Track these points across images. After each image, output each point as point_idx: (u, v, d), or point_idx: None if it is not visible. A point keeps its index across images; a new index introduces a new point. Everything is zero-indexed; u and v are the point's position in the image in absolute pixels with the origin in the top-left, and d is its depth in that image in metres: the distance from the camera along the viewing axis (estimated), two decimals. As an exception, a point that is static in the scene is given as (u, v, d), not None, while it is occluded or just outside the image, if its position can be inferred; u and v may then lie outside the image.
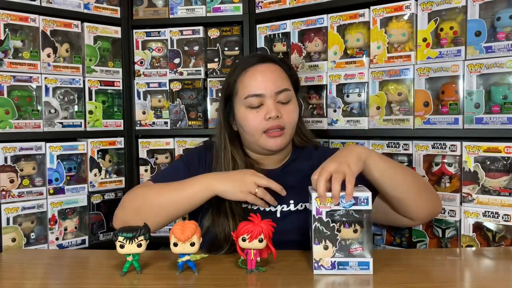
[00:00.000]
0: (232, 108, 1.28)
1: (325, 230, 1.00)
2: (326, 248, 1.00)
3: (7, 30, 1.62)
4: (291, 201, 1.23)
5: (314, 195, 1.00)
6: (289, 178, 1.26)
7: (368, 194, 0.99)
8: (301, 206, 1.23)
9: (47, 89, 1.71)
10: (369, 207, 0.99)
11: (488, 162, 1.39)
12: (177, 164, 1.35)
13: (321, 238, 1.00)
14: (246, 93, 1.22)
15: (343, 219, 0.99)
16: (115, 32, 1.91)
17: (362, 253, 0.99)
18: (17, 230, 1.62)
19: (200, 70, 1.91)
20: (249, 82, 1.23)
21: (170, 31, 1.92)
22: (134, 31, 1.95)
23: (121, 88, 1.92)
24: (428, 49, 1.48)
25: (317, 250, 1.00)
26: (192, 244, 0.98)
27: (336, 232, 1.00)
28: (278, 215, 1.22)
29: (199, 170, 1.26)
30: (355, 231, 1.00)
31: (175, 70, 1.92)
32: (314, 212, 1.00)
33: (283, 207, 1.23)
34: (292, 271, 1.03)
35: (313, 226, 1.00)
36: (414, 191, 1.16)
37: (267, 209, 1.23)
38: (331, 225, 1.00)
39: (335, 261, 1.00)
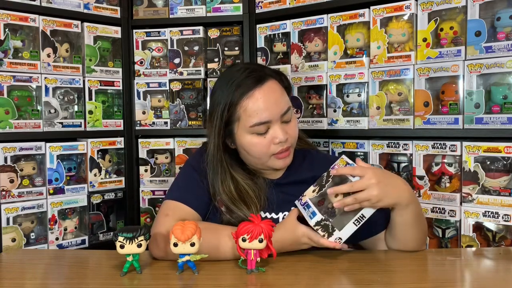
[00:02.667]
0: (232, 132, 1.22)
1: (324, 181, 1.12)
2: (313, 191, 1.12)
3: (7, 30, 1.62)
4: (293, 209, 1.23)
5: (345, 157, 1.15)
6: (292, 187, 1.25)
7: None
8: None
9: (47, 89, 1.71)
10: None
11: (488, 162, 1.39)
12: (189, 173, 1.28)
13: (317, 183, 1.13)
14: (251, 121, 1.17)
15: (339, 183, 1.09)
16: (115, 32, 1.91)
17: (323, 210, 1.07)
18: (17, 230, 1.62)
19: (200, 70, 1.91)
20: (253, 110, 1.17)
21: (170, 31, 1.92)
22: (134, 31, 1.95)
23: (121, 88, 1.92)
24: (428, 49, 1.48)
25: (310, 189, 1.15)
26: (192, 244, 0.98)
27: (327, 187, 1.09)
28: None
29: (208, 179, 1.24)
30: (336, 195, 1.07)
31: (175, 70, 1.92)
32: (332, 165, 1.14)
33: (285, 214, 1.23)
34: (292, 271, 1.03)
35: (324, 173, 1.14)
36: (414, 244, 1.19)
37: (269, 216, 1.23)
38: (329, 179, 1.10)
39: (307, 203, 1.11)
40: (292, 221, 1.12)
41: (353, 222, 1.05)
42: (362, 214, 1.05)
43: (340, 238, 1.05)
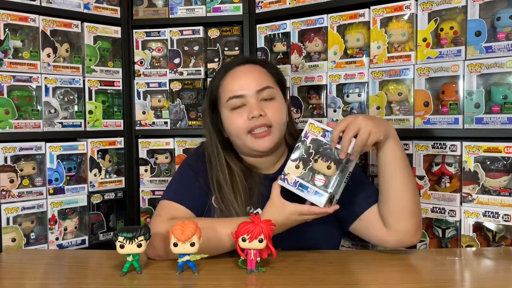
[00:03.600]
0: (220, 115, 1.26)
1: (303, 153, 1.10)
2: (297, 167, 1.10)
3: (7, 30, 1.62)
4: None
5: (311, 120, 1.12)
6: None
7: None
8: None
9: (47, 89, 1.71)
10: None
11: (488, 162, 1.39)
12: (185, 173, 1.29)
13: (298, 158, 1.11)
14: (227, 96, 1.21)
15: (324, 152, 1.09)
16: (115, 32, 1.91)
17: (323, 185, 1.06)
18: (17, 230, 1.62)
19: (200, 70, 1.91)
20: (230, 85, 1.22)
21: (170, 31, 1.92)
22: (134, 31, 1.95)
23: (121, 88, 1.92)
24: (428, 49, 1.48)
25: (290, 165, 1.11)
26: (192, 244, 0.98)
27: (311, 159, 1.09)
28: None
29: (204, 178, 1.25)
30: (329, 167, 1.07)
31: (175, 70, 1.92)
32: (302, 134, 1.12)
33: None
34: (292, 271, 1.03)
35: (296, 144, 1.12)
36: (409, 198, 1.15)
37: None
38: (311, 151, 1.09)
39: (298, 181, 1.08)
40: (278, 200, 1.11)
41: (344, 182, 1.09)
42: (349, 172, 1.10)
43: (336, 200, 1.09)
